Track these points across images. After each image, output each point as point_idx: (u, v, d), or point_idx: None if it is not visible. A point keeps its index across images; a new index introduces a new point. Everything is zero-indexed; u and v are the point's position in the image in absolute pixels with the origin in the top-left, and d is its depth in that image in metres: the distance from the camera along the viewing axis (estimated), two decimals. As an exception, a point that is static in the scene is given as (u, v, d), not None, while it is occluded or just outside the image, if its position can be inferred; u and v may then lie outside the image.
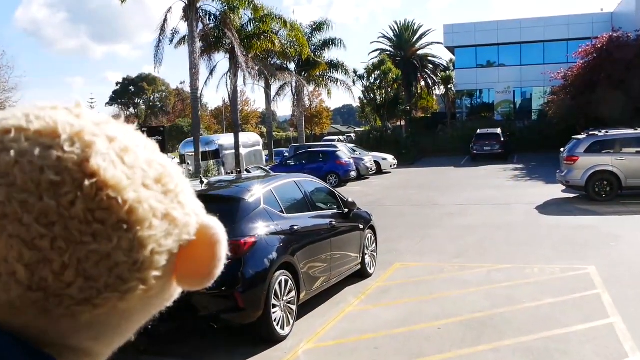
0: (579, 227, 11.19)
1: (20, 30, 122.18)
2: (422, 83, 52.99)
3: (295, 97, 31.27)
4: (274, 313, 5.46)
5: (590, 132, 15.57)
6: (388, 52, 49.92)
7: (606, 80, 25.76)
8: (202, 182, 6.69)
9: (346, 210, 7.64)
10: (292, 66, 31.18)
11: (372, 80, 41.20)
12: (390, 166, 28.41)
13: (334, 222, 7.00)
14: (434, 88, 52.84)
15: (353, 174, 23.76)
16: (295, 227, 5.92)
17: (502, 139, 30.81)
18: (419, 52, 52.02)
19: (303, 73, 31.15)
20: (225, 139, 29.07)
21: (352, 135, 48.18)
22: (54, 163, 0.49)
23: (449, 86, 45.35)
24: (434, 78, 51.28)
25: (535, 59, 39.58)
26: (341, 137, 46.07)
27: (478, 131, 31.73)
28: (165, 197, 0.54)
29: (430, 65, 52.36)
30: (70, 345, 0.54)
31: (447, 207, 15.26)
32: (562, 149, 16.49)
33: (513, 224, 11.99)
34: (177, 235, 0.55)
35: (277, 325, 5.52)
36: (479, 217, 13.30)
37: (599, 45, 27.13)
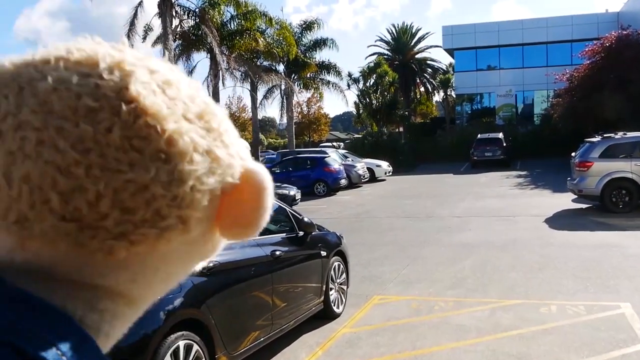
0: (600, 245, 9.30)
1: (20, 40, 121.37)
2: (422, 89, 51.19)
3: (285, 101, 29.41)
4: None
5: (606, 135, 13.70)
6: (385, 56, 48.13)
7: (615, 81, 24.02)
8: None
9: (301, 233, 5.76)
10: (281, 68, 29.37)
11: (368, 84, 39.43)
12: (385, 173, 26.54)
13: (279, 251, 5.09)
14: (433, 93, 51.03)
15: (343, 181, 21.88)
16: (210, 264, 4.03)
17: (504, 144, 28.94)
18: (417, 56, 50.19)
19: (293, 75, 29.33)
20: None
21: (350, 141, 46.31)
22: (92, 90, 0.46)
23: (448, 90, 43.51)
24: (433, 82, 49.43)
25: (537, 61, 37.76)
26: (335, 144, 44.18)
27: (478, 136, 29.86)
28: (208, 134, 0.50)
29: (430, 69, 50.55)
30: (107, 286, 0.50)
31: (444, 220, 13.38)
32: (572, 154, 14.64)
33: (520, 241, 10.10)
34: (220, 175, 0.51)
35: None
36: (480, 232, 11.42)
37: (607, 44, 25.36)
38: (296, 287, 5.45)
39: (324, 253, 6.03)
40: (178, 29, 21.51)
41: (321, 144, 50.10)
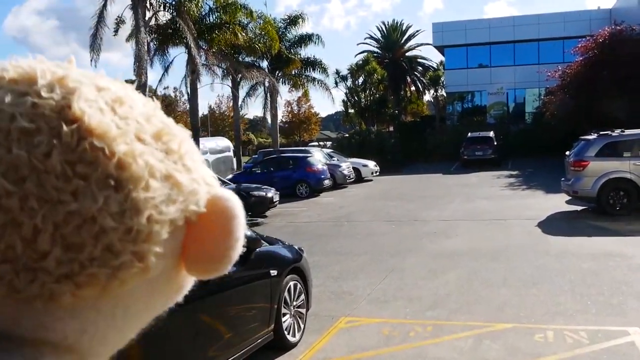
0: (600, 254, 8.32)
1: (9, 39, 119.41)
2: (413, 88, 50.26)
3: (268, 98, 28.35)
4: None
5: (602, 132, 12.75)
6: (375, 54, 47.15)
7: (609, 77, 23.19)
8: None
9: (243, 249, 4.72)
10: (265, 64, 28.29)
11: (356, 82, 38.43)
12: (372, 173, 25.52)
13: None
14: (424, 92, 50.11)
15: (327, 182, 20.84)
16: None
17: (495, 143, 28.01)
18: (407, 54, 49.29)
19: (277, 72, 28.26)
20: (188, 145, 25.92)
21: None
22: (28, 110, 0.41)
23: (438, 87, 42.57)
24: (424, 81, 48.49)
25: (529, 58, 36.87)
26: (321, 143, 43.16)
27: (469, 135, 28.91)
28: (167, 157, 0.45)
29: (420, 68, 49.66)
30: (52, 340, 0.43)
31: (430, 224, 12.39)
32: (567, 153, 13.70)
33: (512, 249, 9.12)
34: (182, 203, 0.45)
35: None
36: (468, 238, 10.43)
37: (601, 40, 24.54)
38: (235, 314, 4.42)
39: (274, 272, 4.99)
40: (152, 22, 20.39)
41: (310, 144, 49.14)
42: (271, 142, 39.46)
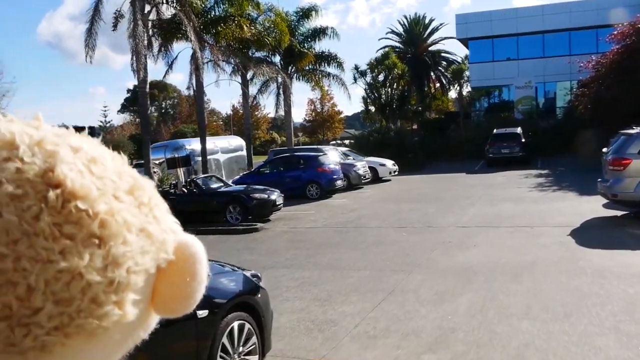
0: (649, 274, 6.74)
1: (43, 44, 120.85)
2: (437, 84, 48.42)
3: (281, 95, 27.04)
4: None
5: (646, 126, 11.05)
6: (397, 49, 45.48)
7: (650, 66, 21.22)
8: None
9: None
10: (277, 60, 26.98)
11: (376, 77, 36.85)
12: (390, 173, 24.01)
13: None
14: (448, 87, 48.16)
15: (339, 183, 19.41)
16: None
17: (523, 140, 26.11)
18: (431, 48, 47.43)
19: (290, 67, 26.92)
20: (199, 144, 24.78)
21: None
22: (13, 175, 0.44)
23: (461, 82, 40.66)
24: (448, 76, 46.58)
25: (560, 49, 34.83)
26: (338, 141, 41.72)
27: (495, 131, 27.06)
28: (139, 211, 0.49)
29: (444, 62, 47.77)
30: None
31: (445, 231, 10.89)
32: (604, 150, 12.02)
33: (539, 266, 7.59)
34: (155, 253, 0.50)
35: None
36: (487, 250, 8.92)
37: (639, 26, 22.54)
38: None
39: (202, 312, 3.63)
40: (154, 17, 19.24)
41: (331, 142, 47.76)
42: (296, 142, 38.43)
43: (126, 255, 0.46)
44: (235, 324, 3.98)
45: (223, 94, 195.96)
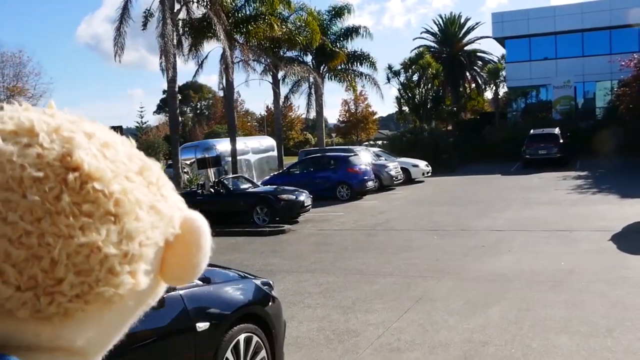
0: (700, 285, 6.22)
1: (82, 46, 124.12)
2: (473, 84, 47.49)
3: (313, 95, 26.81)
4: None
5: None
6: (432, 49, 44.78)
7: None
8: None
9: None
10: (309, 59, 26.77)
11: (410, 77, 36.24)
12: (423, 174, 23.50)
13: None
14: (484, 88, 47.15)
15: (371, 184, 19.03)
16: None
17: (561, 141, 25.25)
18: (466, 48, 46.60)
19: (322, 67, 26.68)
20: (229, 144, 24.79)
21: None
22: (35, 160, 0.48)
23: (498, 81, 39.71)
24: (484, 76, 45.61)
25: (600, 48, 33.67)
26: (371, 142, 41.25)
27: (531, 132, 26.24)
28: (149, 190, 0.54)
29: (480, 62, 46.84)
30: (64, 347, 0.52)
31: (479, 236, 10.46)
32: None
33: (578, 274, 7.13)
34: (163, 228, 0.54)
35: None
36: (522, 256, 8.48)
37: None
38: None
39: (202, 324, 3.38)
40: (181, 15, 19.25)
41: (363, 143, 47.36)
42: (328, 141, 38.19)
43: (138, 230, 0.50)
44: (242, 337, 3.72)
45: (258, 95, 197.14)
